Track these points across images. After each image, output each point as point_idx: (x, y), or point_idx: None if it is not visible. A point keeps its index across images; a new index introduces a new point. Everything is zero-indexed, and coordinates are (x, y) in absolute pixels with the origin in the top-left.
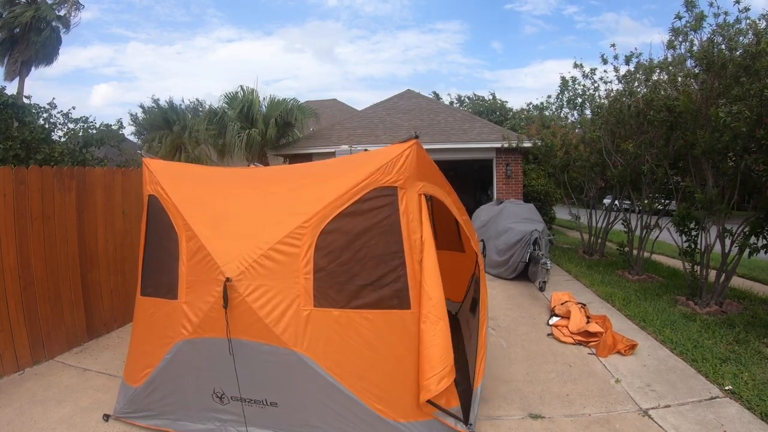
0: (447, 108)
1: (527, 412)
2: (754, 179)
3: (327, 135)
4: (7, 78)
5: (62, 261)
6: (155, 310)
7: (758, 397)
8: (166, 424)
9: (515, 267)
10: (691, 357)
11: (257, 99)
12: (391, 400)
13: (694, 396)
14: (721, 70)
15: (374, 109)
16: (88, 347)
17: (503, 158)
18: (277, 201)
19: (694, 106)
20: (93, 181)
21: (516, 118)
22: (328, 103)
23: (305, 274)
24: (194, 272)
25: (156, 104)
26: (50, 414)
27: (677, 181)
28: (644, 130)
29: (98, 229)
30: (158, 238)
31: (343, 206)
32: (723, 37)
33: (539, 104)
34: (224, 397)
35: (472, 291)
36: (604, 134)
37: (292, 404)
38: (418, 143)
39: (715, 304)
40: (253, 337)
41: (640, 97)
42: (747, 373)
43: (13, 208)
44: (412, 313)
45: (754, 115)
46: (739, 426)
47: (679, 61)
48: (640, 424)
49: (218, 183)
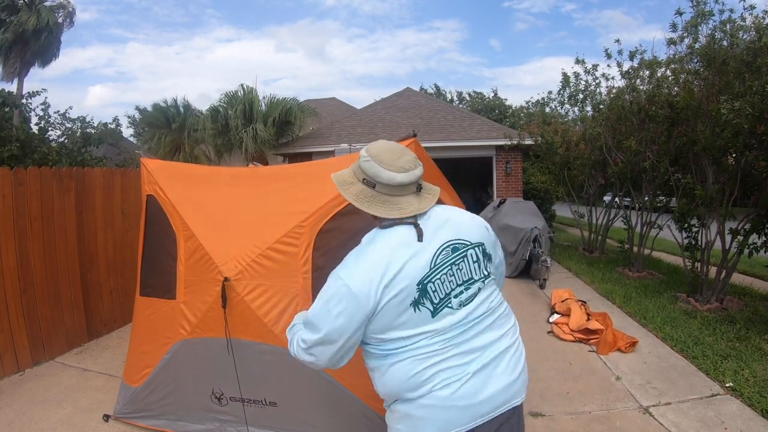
0: (446, 106)
1: (527, 411)
2: (755, 176)
3: (326, 134)
4: (6, 79)
5: (62, 262)
6: (154, 310)
7: (759, 394)
8: (166, 425)
9: (516, 265)
10: (692, 354)
11: (257, 98)
12: None
13: (694, 393)
14: (722, 67)
15: (373, 108)
16: (88, 348)
17: (503, 156)
18: (275, 200)
19: (695, 102)
20: (92, 181)
21: (515, 115)
22: (327, 101)
23: (304, 273)
24: (192, 272)
25: (156, 103)
26: (50, 414)
27: (678, 178)
28: (645, 127)
29: (98, 230)
30: (157, 238)
31: (342, 205)
32: (724, 33)
33: (540, 100)
34: (223, 397)
35: None
36: (605, 131)
37: (292, 404)
38: (417, 141)
39: (715, 301)
40: (252, 337)
41: (643, 93)
42: (748, 370)
43: (12, 209)
44: None
45: (755, 111)
46: (740, 423)
47: (680, 58)
48: (640, 421)
49: (216, 182)
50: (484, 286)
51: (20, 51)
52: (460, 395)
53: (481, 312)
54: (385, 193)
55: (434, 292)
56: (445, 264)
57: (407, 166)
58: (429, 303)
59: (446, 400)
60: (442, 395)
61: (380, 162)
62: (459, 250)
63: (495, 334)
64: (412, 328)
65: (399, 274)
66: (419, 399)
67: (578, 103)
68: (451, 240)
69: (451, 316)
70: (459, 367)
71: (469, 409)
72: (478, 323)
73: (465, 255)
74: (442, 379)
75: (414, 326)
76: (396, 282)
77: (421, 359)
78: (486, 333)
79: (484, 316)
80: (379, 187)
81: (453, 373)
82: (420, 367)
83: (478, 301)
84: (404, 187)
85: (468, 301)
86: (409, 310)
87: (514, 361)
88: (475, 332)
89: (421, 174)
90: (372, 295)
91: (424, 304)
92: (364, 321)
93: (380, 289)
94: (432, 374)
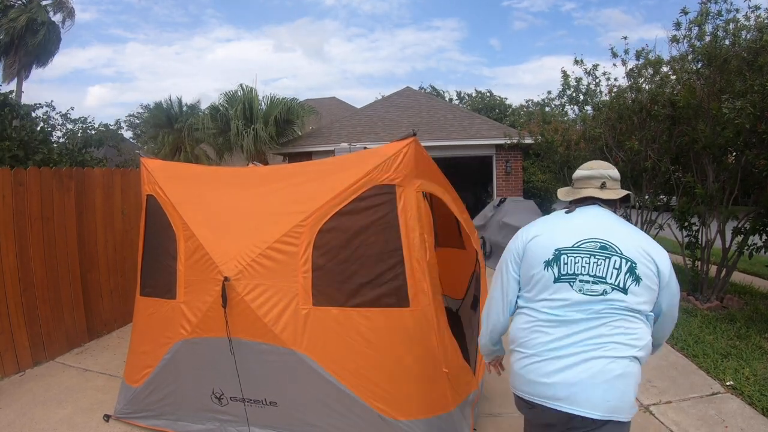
0: (446, 105)
1: None
2: (755, 175)
3: (326, 133)
4: (6, 80)
5: (62, 262)
6: (154, 310)
7: (759, 392)
8: (166, 425)
9: None
10: (692, 352)
11: (257, 97)
12: (391, 399)
13: (695, 392)
14: (723, 65)
15: (373, 107)
16: (89, 348)
17: (503, 155)
18: (275, 200)
19: (696, 100)
20: (92, 181)
21: (515, 114)
22: (327, 101)
23: (304, 272)
24: (192, 272)
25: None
26: (51, 415)
27: (678, 177)
28: (646, 126)
29: (98, 230)
30: (157, 237)
31: (341, 204)
32: (727, 32)
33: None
34: (223, 397)
35: (473, 288)
36: (606, 130)
37: (292, 403)
38: (416, 141)
39: (716, 300)
40: (252, 337)
41: (646, 93)
42: (748, 368)
43: (12, 209)
44: (411, 311)
45: (756, 110)
46: (740, 421)
47: (683, 57)
48: (641, 420)
49: (216, 182)
50: (612, 292)
51: (16, 50)
52: (534, 368)
53: (597, 310)
54: (575, 186)
55: (565, 264)
56: (586, 252)
57: (592, 166)
58: (556, 269)
59: (521, 363)
60: (528, 356)
61: (578, 169)
62: (607, 250)
63: (600, 341)
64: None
65: (544, 234)
66: (518, 349)
67: (578, 104)
68: (605, 240)
69: (569, 293)
70: (550, 342)
71: (535, 383)
72: (591, 319)
73: (609, 258)
74: (533, 342)
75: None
76: (542, 240)
77: (530, 317)
78: (592, 331)
79: (600, 316)
80: (574, 183)
81: (540, 341)
82: (525, 323)
83: (600, 300)
84: (587, 181)
85: (589, 293)
86: (541, 266)
87: (605, 377)
88: (583, 325)
89: (609, 175)
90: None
91: (552, 267)
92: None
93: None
94: (528, 335)
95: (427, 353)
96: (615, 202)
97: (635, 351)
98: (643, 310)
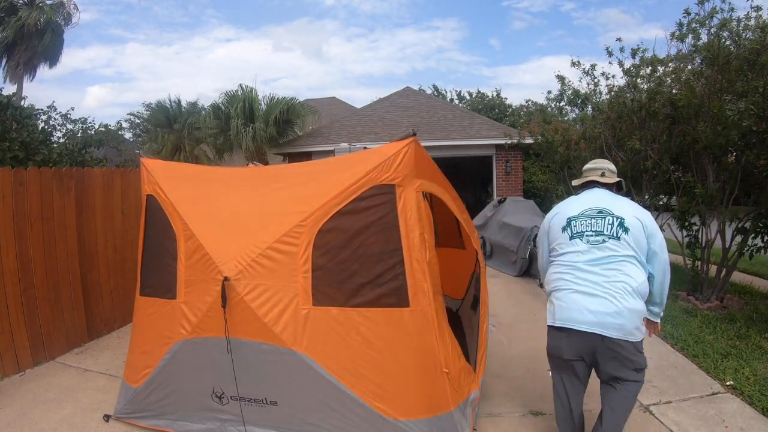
0: (446, 105)
1: (528, 409)
2: (755, 175)
3: (326, 133)
4: (11, 81)
5: (62, 262)
6: (154, 310)
7: (759, 392)
8: (167, 424)
9: (521, 265)
10: (692, 352)
11: (257, 97)
12: (391, 399)
13: (695, 392)
14: (725, 65)
15: (373, 107)
16: (89, 348)
17: (503, 155)
18: (275, 200)
19: (696, 100)
20: (92, 181)
21: (515, 114)
22: (327, 101)
23: (304, 272)
24: (192, 272)
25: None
26: (51, 415)
27: (678, 177)
28: (646, 126)
29: (98, 230)
30: (157, 237)
31: (341, 204)
32: (730, 32)
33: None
34: (224, 397)
35: (473, 288)
36: (605, 130)
37: (292, 403)
38: (416, 140)
39: (716, 299)
40: (252, 337)
41: (644, 91)
42: (748, 368)
43: (12, 209)
44: (411, 311)
45: (759, 111)
46: (740, 421)
47: (683, 56)
48: (641, 420)
49: (216, 182)
50: (608, 241)
51: (24, 51)
52: (567, 299)
53: (600, 256)
54: (583, 176)
55: (574, 226)
56: (589, 216)
57: (596, 161)
58: (570, 231)
59: (558, 299)
60: (559, 294)
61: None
62: (602, 213)
63: (608, 280)
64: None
65: (561, 212)
66: (552, 293)
67: (578, 105)
68: (602, 208)
69: (580, 245)
70: (573, 282)
71: (567, 310)
72: (597, 264)
73: (604, 217)
74: (563, 283)
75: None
76: (560, 215)
77: (559, 267)
78: (597, 269)
79: (603, 260)
80: (582, 174)
81: (567, 283)
82: (555, 271)
83: (602, 247)
84: (591, 171)
85: (593, 243)
86: (560, 231)
87: (608, 300)
88: (592, 267)
89: (607, 167)
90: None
91: (567, 230)
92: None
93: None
94: (558, 278)
95: (427, 353)
96: (611, 186)
97: (635, 285)
98: (636, 254)
